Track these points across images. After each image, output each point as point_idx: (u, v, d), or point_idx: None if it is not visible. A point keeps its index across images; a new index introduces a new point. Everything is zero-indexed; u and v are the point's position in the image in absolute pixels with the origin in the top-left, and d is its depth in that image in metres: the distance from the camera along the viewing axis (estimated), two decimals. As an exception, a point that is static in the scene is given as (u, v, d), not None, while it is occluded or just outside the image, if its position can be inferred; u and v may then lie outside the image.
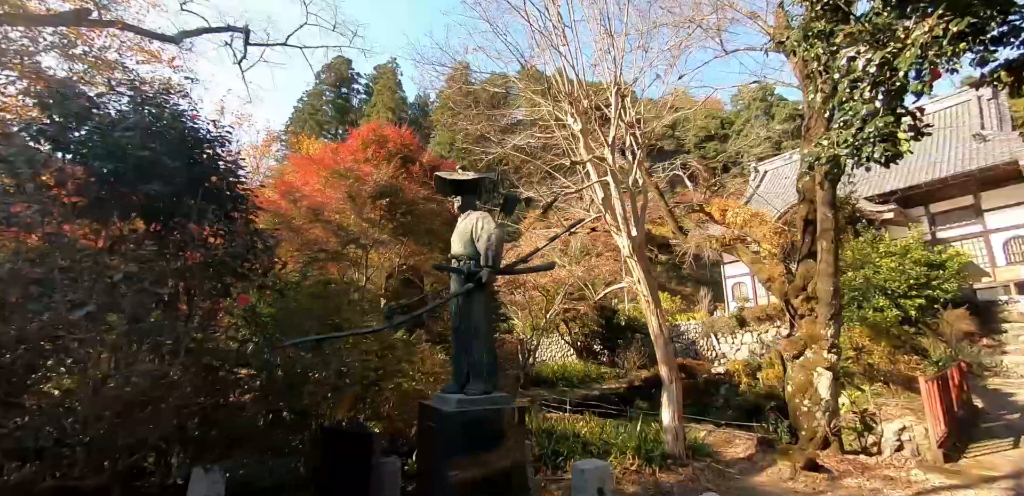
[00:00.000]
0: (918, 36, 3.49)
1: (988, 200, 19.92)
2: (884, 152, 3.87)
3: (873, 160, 4.03)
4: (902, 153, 4.08)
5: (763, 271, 8.36)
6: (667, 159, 11.98)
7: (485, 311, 3.92)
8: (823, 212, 6.98)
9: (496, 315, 14.81)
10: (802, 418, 6.96)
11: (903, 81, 3.62)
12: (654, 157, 13.94)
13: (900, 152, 4.10)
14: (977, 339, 12.87)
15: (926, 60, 3.56)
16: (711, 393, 15.66)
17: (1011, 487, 5.30)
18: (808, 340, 7.07)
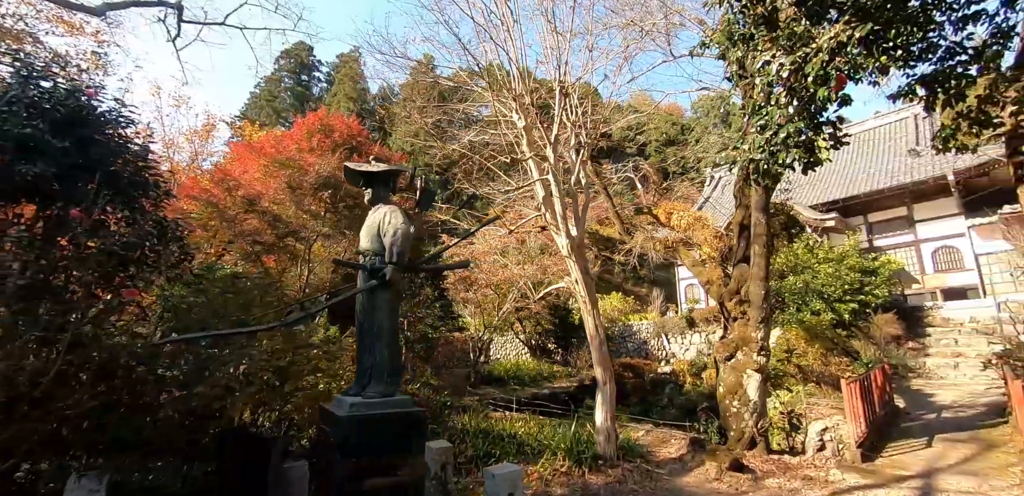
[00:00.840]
0: (824, 41, 3.50)
1: (920, 212, 20.97)
2: (800, 158, 3.87)
3: (788, 166, 4.03)
4: (821, 161, 4.09)
5: (703, 274, 8.42)
6: (627, 161, 12.00)
7: (389, 310, 3.67)
8: (756, 217, 7.04)
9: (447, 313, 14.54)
10: (731, 419, 7.01)
11: (812, 87, 3.62)
12: (612, 158, 13.95)
13: (819, 160, 4.11)
14: (903, 342, 13.46)
15: (832, 66, 3.57)
16: (656, 392, 15.85)
17: (919, 487, 5.44)
18: (740, 342, 7.13)
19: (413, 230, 3.93)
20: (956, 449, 6.75)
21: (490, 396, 14.69)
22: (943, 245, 20.27)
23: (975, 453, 6.50)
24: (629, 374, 16.50)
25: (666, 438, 8.21)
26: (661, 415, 13.44)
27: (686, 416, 11.82)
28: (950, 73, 4.85)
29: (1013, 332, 11.67)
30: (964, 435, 7.40)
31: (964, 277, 19.24)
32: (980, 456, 6.36)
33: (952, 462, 6.24)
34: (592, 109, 7.93)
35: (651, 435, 8.68)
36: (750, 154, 4.24)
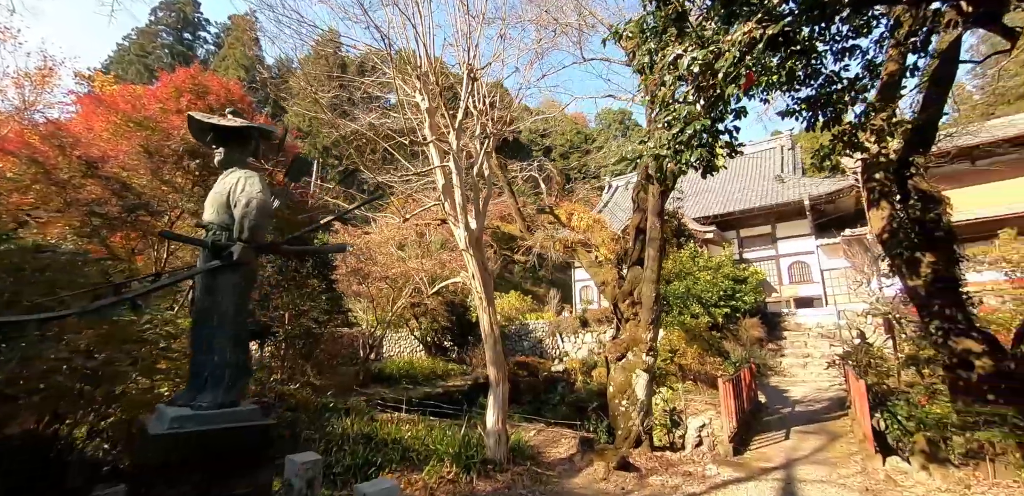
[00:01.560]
0: (738, 36, 3.45)
1: (781, 230, 23.58)
2: (703, 158, 3.81)
3: (691, 165, 3.97)
4: (717, 168, 4.06)
5: (598, 275, 8.44)
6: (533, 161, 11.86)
7: (236, 297, 2.91)
8: (652, 221, 7.15)
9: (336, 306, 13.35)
10: (620, 418, 7.02)
11: (722, 84, 3.57)
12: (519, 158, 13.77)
13: (716, 166, 4.08)
14: (765, 344, 14.84)
15: (742, 65, 3.55)
16: (549, 390, 15.96)
17: (782, 478, 5.75)
18: (631, 343, 7.17)
19: (276, 204, 3.21)
20: (808, 440, 7.35)
21: (379, 396, 13.80)
22: (797, 260, 23.00)
23: (824, 444, 7.10)
24: (523, 372, 16.45)
25: (557, 438, 8.07)
26: (553, 413, 13.49)
27: (577, 413, 11.93)
28: (828, 99, 5.23)
29: (849, 336, 13.32)
30: (814, 427, 8.13)
31: (812, 289, 21.94)
32: (828, 446, 6.96)
33: (806, 453, 6.74)
34: (500, 102, 7.59)
35: (542, 435, 8.50)
36: (656, 150, 4.12)
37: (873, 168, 7.19)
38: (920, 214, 6.72)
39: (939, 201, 6.82)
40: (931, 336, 6.24)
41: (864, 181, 7.35)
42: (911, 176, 6.98)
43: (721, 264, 17.10)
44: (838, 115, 5.34)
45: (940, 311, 6.17)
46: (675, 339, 12.94)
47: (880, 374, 9.36)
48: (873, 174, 7.16)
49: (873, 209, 7.11)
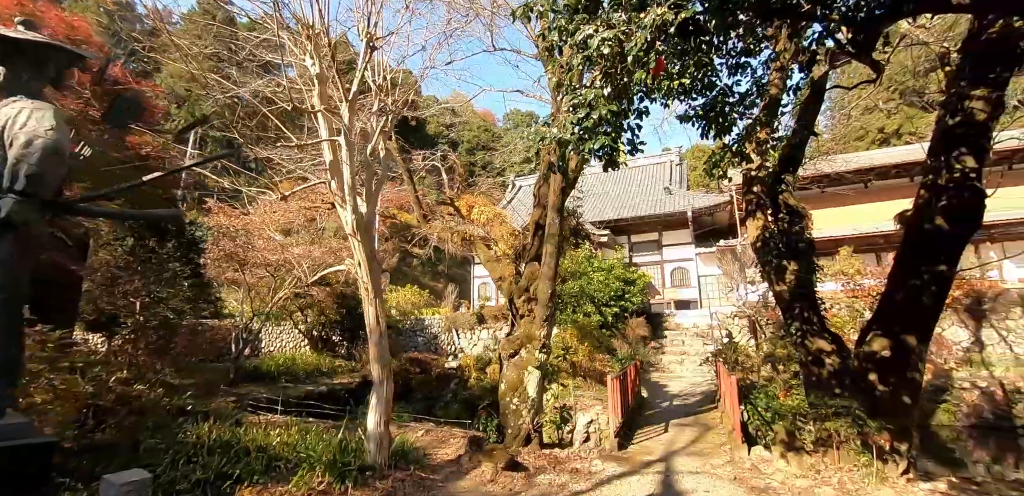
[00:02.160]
0: (650, 19, 3.36)
1: (666, 238, 25.41)
2: (604, 148, 3.69)
3: (595, 154, 3.84)
4: (618, 164, 3.99)
5: (496, 270, 8.23)
6: (436, 150, 11.35)
7: (9, 272, 2.17)
8: (552, 217, 7.08)
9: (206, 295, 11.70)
10: (510, 416, 6.84)
11: (632, 67, 3.49)
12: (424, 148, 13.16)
13: (617, 163, 4.00)
14: (649, 342, 15.73)
15: (653, 51, 3.50)
16: (442, 388, 15.52)
17: (661, 471, 5.93)
18: (525, 339, 7.04)
19: (85, 151, 2.47)
20: (685, 433, 7.76)
21: (253, 396, 12.42)
22: (678, 266, 24.94)
23: (698, 435, 7.53)
24: (416, 369, 15.84)
25: (446, 438, 7.68)
26: (445, 411, 13.08)
27: (469, 411, 11.65)
28: (721, 110, 5.53)
29: (719, 336, 14.58)
30: (689, 420, 8.64)
31: (690, 292, 23.89)
32: (702, 438, 7.38)
33: (683, 445, 7.08)
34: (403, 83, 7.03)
35: (431, 435, 8.06)
36: (560, 134, 3.92)
37: (752, 182, 7.76)
38: (787, 227, 7.34)
39: (803, 216, 7.52)
40: (791, 336, 6.84)
41: (744, 193, 7.90)
42: (782, 192, 7.62)
43: (613, 266, 17.89)
44: (728, 126, 5.63)
45: (800, 314, 6.77)
46: (568, 337, 13.21)
47: (745, 370, 10.25)
48: (752, 187, 7.73)
49: (750, 219, 7.67)
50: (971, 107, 5.66)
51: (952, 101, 5.90)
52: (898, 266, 5.95)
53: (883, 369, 5.57)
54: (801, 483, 5.06)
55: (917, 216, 5.92)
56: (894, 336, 5.63)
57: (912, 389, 5.49)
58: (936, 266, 5.67)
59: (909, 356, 5.53)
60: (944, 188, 5.65)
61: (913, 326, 5.62)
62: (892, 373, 5.52)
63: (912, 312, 5.67)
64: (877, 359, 5.61)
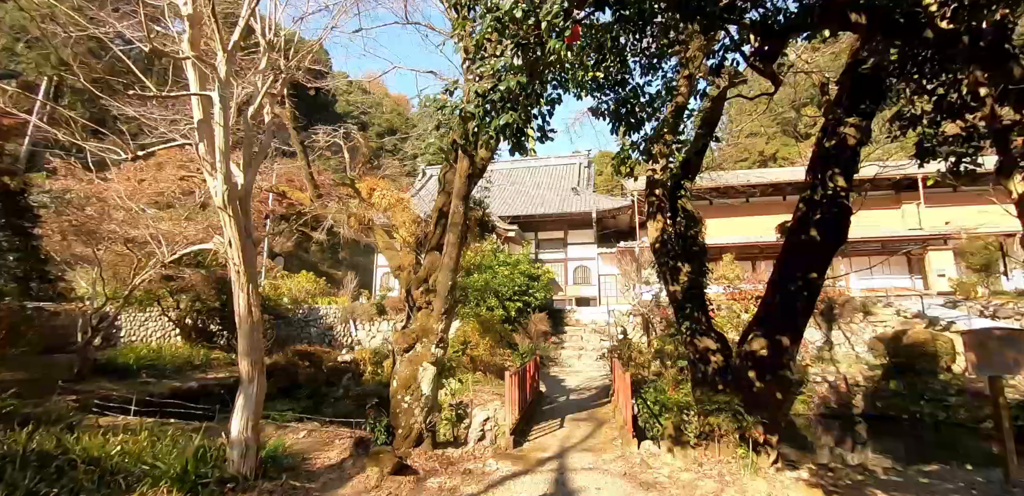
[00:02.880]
0: None
1: (571, 237, 26.14)
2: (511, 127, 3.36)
3: (500, 131, 3.51)
4: (527, 150, 3.74)
5: (395, 258, 7.68)
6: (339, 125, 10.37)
7: None
8: (456, 205, 6.68)
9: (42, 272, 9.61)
10: (401, 415, 6.37)
11: (545, 36, 3.23)
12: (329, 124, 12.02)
13: (526, 149, 3.75)
14: (549, 337, 15.95)
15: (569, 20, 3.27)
16: (333, 383, 14.48)
17: (555, 468, 5.83)
18: (421, 333, 6.60)
19: None
20: (580, 428, 7.80)
21: (103, 394, 10.67)
22: (581, 265, 25.79)
23: (592, 430, 7.60)
24: (305, 363, 14.62)
25: (331, 439, 7.00)
26: (334, 409, 12.18)
27: (362, 409, 10.91)
28: (632, 109, 5.57)
29: (615, 332, 15.18)
30: (584, 414, 8.74)
31: (590, 290, 24.79)
32: (596, 433, 7.45)
33: (577, 440, 7.09)
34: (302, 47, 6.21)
35: (314, 436, 7.32)
36: (464, 105, 3.53)
37: (655, 185, 7.97)
38: (684, 230, 7.63)
39: (698, 221, 7.87)
40: (682, 334, 7.11)
41: (646, 195, 8.08)
42: (680, 197, 7.92)
43: (519, 261, 17.93)
44: (638, 124, 5.67)
45: (691, 314, 7.05)
46: (469, 330, 12.93)
47: (637, 365, 10.68)
48: (654, 190, 7.93)
49: (651, 221, 7.86)
50: (844, 132, 6.19)
51: (830, 126, 6.42)
52: (777, 273, 6.37)
53: (761, 367, 5.93)
54: (686, 476, 5.21)
55: (795, 228, 6.37)
56: (771, 336, 6.01)
57: (784, 385, 5.91)
58: (808, 274, 6.15)
59: (783, 355, 5.94)
60: (819, 203, 6.12)
61: (787, 327, 6.04)
62: (768, 371, 5.89)
63: (787, 315, 6.11)
64: (756, 357, 5.96)
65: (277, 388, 13.27)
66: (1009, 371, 6.01)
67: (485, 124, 3.37)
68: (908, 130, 6.16)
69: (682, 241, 7.51)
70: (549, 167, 32.98)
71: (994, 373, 5.94)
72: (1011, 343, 5.99)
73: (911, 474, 5.74)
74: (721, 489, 4.88)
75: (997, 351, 5.97)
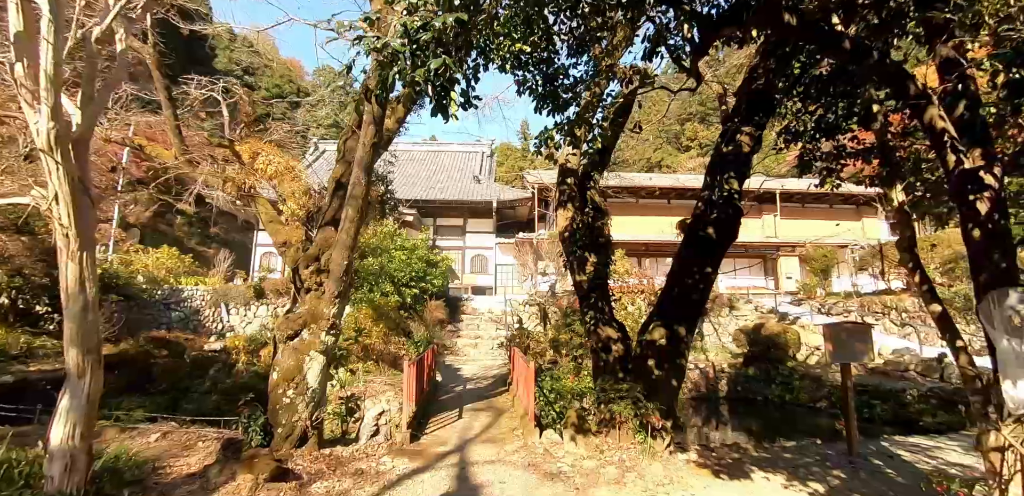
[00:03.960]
0: None
1: (471, 225, 25.83)
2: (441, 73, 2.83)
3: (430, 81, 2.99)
4: (448, 116, 3.31)
5: (280, 233, 6.68)
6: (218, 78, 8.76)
7: None
8: (358, 176, 5.90)
9: None
10: (282, 412, 5.54)
11: None
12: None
13: (448, 114, 3.32)
14: (446, 325, 15.48)
15: None
16: (198, 375, 12.60)
17: (456, 463, 5.49)
18: (309, 318, 5.79)
19: None
20: (479, 418, 7.53)
21: None
22: (479, 254, 25.61)
23: (492, 420, 7.37)
24: (163, 352, 12.57)
25: (192, 442, 5.91)
26: (199, 405, 10.59)
27: (232, 405, 9.55)
28: (555, 90, 5.41)
29: (511, 321, 15.19)
30: (483, 404, 8.50)
31: (487, 279, 24.72)
32: (496, 423, 7.23)
33: (477, 431, 6.80)
34: None
35: (171, 439, 6.13)
36: (389, 40, 2.92)
37: (567, 173, 7.89)
38: (592, 221, 7.67)
39: (605, 214, 7.95)
40: (586, 324, 7.14)
41: (558, 183, 7.97)
42: (590, 188, 7.96)
43: (417, 246, 17.15)
44: (563, 105, 5.51)
45: (595, 303, 7.10)
46: (362, 317, 12.03)
47: (534, 354, 10.69)
48: (566, 178, 7.85)
49: (561, 209, 7.77)
50: (740, 140, 6.58)
51: (729, 132, 6.78)
52: (675, 266, 6.62)
53: (659, 356, 6.11)
54: (588, 464, 5.17)
55: (693, 225, 6.66)
56: (669, 327, 6.22)
57: (679, 373, 6.17)
58: (704, 268, 6.46)
59: (680, 344, 6.18)
60: (716, 203, 6.44)
61: (684, 318, 6.30)
62: (666, 359, 6.09)
63: (684, 306, 6.37)
64: (656, 346, 6.13)
65: (126, 383, 11.26)
66: (856, 359, 6.90)
67: (408, 71, 2.79)
68: (791, 144, 6.74)
69: (590, 232, 7.52)
70: (452, 153, 32.25)
71: (845, 361, 6.77)
72: (858, 335, 6.86)
73: (776, 450, 6.34)
74: (622, 475, 4.91)
75: (848, 342, 6.80)
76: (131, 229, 25.65)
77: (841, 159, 6.33)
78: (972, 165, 3.48)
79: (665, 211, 23.23)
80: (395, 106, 7.68)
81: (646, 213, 23.47)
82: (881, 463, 5.82)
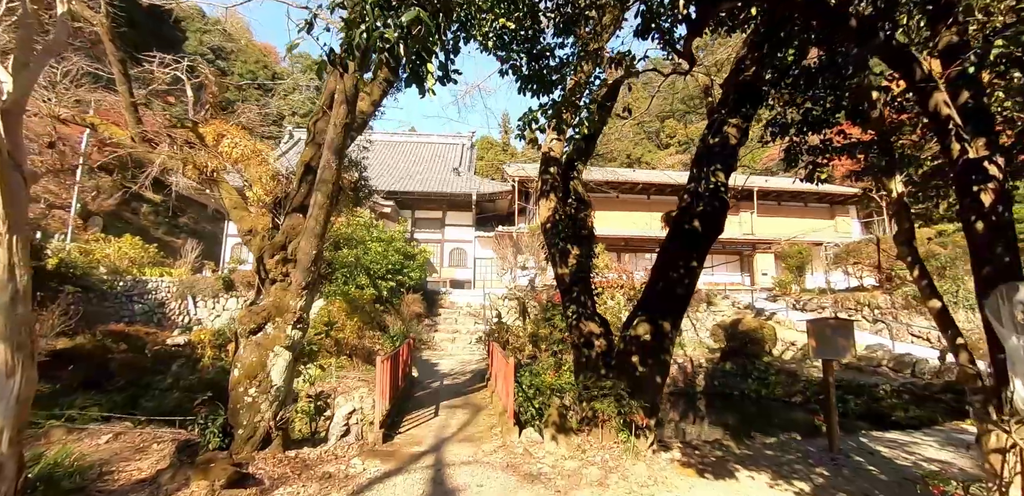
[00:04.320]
0: None
1: (450, 218, 25.38)
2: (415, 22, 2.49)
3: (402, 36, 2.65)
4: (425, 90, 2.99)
5: (245, 220, 6.22)
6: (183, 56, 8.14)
7: None
8: (328, 158, 5.48)
9: None
10: (244, 412, 5.14)
11: None
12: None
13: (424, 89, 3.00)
14: (423, 319, 15.10)
15: None
16: (161, 371, 11.95)
17: (431, 464, 5.19)
18: (274, 311, 5.39)
19: None
20: (456, 415, 7.23)
21: None
22: (457, 247, 25.19)
23: (469, 418, 7.08)
24: (122, 346, 11.89)
25: (146, 444, 5.47)
26: (159, 402, 9.99)
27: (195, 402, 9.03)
28: (540, 72, 5.17)
29: (490, 316, 14.90)
30: (460, 400, 8.20)
31: (465, 273, 24.35)
32: (473, 420, 6.95)
33: (454, 430, 6.51)
34: None
35: (123, 440, 5.67)
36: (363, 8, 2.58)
37: (550, 162, 7.58)
38: (575, 212, 7.42)
39: (589, 205, 7.71)
40: (568, 319, 6.89)
41: (540, 172, 7.63)
42: (573, 178, 7.71)
43: (394, 238, 16.68)
44: (550, 86, 5.26)
45: (577, 297, 6.86)
46: (335, 310, 11.57)
47: (514, 349, 10.43)
48: (548, 167, 7.54)
49: (543, 199, 7.47)
50: (727, 132, 6.40)
51: (714, 124, 6.58)
52: (660, 260, 6.41)
53: (644, 351, 5.91)
54: (570, 465, 4.93)
55: (679, 218, 6.46)
56: (654, 321, 6.02)
57: (664, 369, 5.97)
58: (690, 262, 6.27)
59: (664, 340, 5.98)
60: (702, 195, 6.25)
61: (669, 312, 6.10)
62: (650, 355, 5.89)
63: (669, 300, 6.17)
64: (640, 342, 5.92)
65: (82, 379, 10.59)
66: (839, 355, 6.82)
67: (377, 29, 2.42)
68: (778, 138, 6.59)
69: (572, 223, 7.27)
70: (432, 145, 31.68)
71: (828, 357, 6.69)
72: (841, 331, 6.79)
73: (758, 447, 6.24)
74: (605, 476, 4.69)
75: (832, 338, 6.73)
76: (93, 217, 24.43)
77: (827, 154, 6.23)
78: (976, 155, 3.33)
79: (645, 207, 23.22)
80: (370, 87, 7.26)
81: (627, 208, 23.41)
82: (862, 460, 5.76)
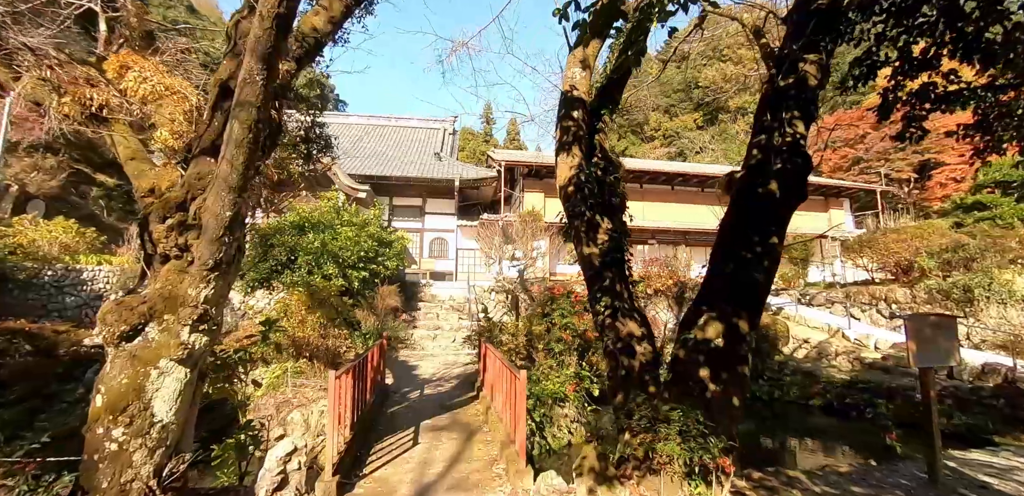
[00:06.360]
0: None
1: (430, 205, 23.20)
2: None
3: None
4: None
5: (145, 176, 4.01)
6: None
7: None
8: (252, 67, 3.02)
9: None
10: (104, 467, 3.02)
11: None
12: None
13: None
14: (400, 314, 12.98)
15: None
16: (74, 378, 9.60)
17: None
18: (161, 304, 3.23)
19: None
20: (442, 443, 5.24)
21: None
22: (438, 236, 23.06)
23: (460, 448, 5.11)
24: (22, 347, 9.46)
25: None
26: (64, 418, 7.78)
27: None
28: None
29: (476, 310, 12.93)
30: (446, 418, 6.20)
31: (447, 264, 22.25)
32: (465, 453, 4.97)
33: (441, 469, 4.53)
34: None
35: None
36: None
37: (572, 104, 5.58)
38: (602, 175, 5.53)
39: (618, 167, 5.81)
40: (598, 314, 4.97)
41: (560, 117, 5.62)
42: (600, 130, 5.82)
43: (368, 222, 14.47)
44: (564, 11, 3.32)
45: (611, 285, 4.95)
46: (295, 303, 9.39)
47: (509, 352, 8.48)
48: (571, 111, 5.53)
49: (563, 154, 5.46)
50: (805, 69, 4.55)
51: (784, 60, 4.74)
52: (726, 237, 4.57)
53: (714, 362, 4.06)
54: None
55: (749, 179, 4.60)
56: (726, 319, 4.18)
57: (743, 388, 4.11)
58: (768, 237, 4.41)
59: (740, 345, 4.13)
60: (779, 150, 4.41)
61: (744, 306, 4.22)
62: (724, 367, 4.05)
63: (744, 289, 4.30)
64: (711, 349, 4.08)
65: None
66: (943, 361, 5.13)
67: None
68: (865, 81, 4.83)
69: (599, 188, 5.38)
70: (411, 129, 29.38)
71: (931, 364, 4.99)
72: (944, 331, 5.12)
73: (834, 479, 4.48)
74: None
75: (934, 339, 5.04)
76: (32, 200, 21.44)
77: (927, 102, 4.52)
78: None
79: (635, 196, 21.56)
80: (330, 0, 5.13)
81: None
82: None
